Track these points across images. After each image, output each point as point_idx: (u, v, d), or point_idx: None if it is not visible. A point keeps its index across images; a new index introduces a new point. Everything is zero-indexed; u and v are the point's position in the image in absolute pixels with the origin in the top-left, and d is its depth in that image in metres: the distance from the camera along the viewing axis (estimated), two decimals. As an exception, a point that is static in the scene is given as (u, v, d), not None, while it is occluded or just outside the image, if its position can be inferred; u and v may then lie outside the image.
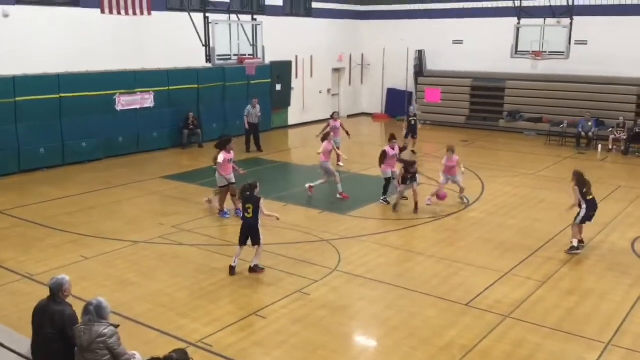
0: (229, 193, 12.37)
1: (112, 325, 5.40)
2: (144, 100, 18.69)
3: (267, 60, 19.08)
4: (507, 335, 7.58)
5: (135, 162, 17.54)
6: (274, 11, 22.82)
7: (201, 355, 7.00)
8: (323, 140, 14.15)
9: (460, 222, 12.28)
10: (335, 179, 13.87)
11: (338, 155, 16.37)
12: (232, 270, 9.44)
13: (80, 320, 5.47)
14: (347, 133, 17.56)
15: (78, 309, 6.00)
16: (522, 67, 21.99)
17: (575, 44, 20.11)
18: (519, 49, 20.01)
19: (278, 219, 9.90)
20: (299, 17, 24.53)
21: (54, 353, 5.63)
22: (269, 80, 22.73)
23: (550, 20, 19.62)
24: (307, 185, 13.97)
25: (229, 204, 12.54)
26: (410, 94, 26.82)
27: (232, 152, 12.56)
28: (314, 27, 24.92)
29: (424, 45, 25.97)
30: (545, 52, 19.58)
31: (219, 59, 14.40)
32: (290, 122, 24.61)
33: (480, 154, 19.30)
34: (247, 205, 9.41)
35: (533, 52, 19.72)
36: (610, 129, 20.20)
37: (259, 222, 9.44)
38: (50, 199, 13.53)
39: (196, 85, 20.09)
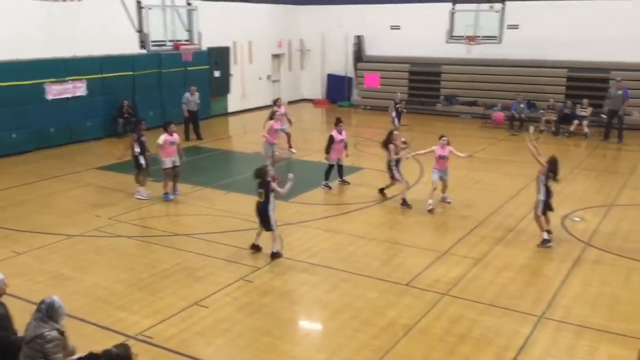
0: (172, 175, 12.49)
1: (57, 330, 5.20)
2: (76, 88, 18.03)
3: (204, 46, 18.85)
4: (445, 313, 7.79)
5: (69, 153, 16.95)
6: (209, -4, 22.40)
7: (142, 348, 6.86)
8: (270, 119, 14.09)
9: (400, 205, 12.47)
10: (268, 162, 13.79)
11: (289, 141, 16.50)
12: (254, 247, 9.69)
13: (33, 314, 5.30)
14: (289, 121, 17.46)
15: (12, 306, 5.80)
16: (457, 52, 22.50)
17: (508, 28, 20.76)
18: (454, 34, 20.50)
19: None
20: (236, 1, 24.16)
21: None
22: (207, 66, 22.33)
23: (484, 6, 20.14)
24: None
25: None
26: (350, 79, 26.99)
27: (175, 134, 12.48)
28: (252, 12, 24.62)
29: (363, 31, 26.13)
30: (479, 36, 20.12)
31: (153, 45, 14.15)
32: (230, 109, 24.33)
33: (418, 137, 19.62)
34: (259, 190, 9.47)
35: (467, 37, 20.24)
36: (542, 111, 20.95)
37: (270, 205, 9.42)
38: (-23, 193, 12.94)
39: (131, 73, 19.50)
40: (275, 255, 9.55)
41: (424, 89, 24.83)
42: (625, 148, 18.11)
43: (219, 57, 22.96)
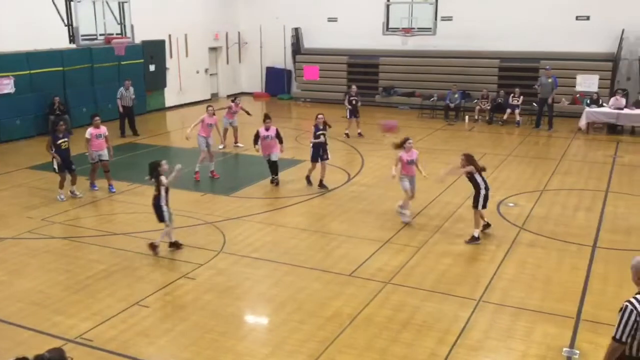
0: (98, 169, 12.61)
1: None
2: (3, 85, 17.24)
3: (138, 40, 18.34)
4: (388, 301, 7.92)
5: (-3, 153, 16.22)
6: (143, -12, 21.80)
7: (81, 351, 6.67)
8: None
9: (342, 196, 12.57)
10: (200, 158, 13.67)
11: (235, 137, 16.83)
12: (172, 244, 9.52)
13: None
14: (248, 112, 17.38)
15: None
16: (393, 43, 22.78)
17: (442, 20, 21.16)
18: (390, 26, 20.73)
19: None
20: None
21: None
22: (142, 60, 21.79)
23: (418, -2, 20.49)
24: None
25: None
26: (289, 71, 26.92)
27: (102, 127, 12.54)
28: (187, 4, 24.13)
29: (300, 23, 26.09)
30: (414, 28, 20.45)
31: (84, 39, 13.67)
32: (168, 104, 23.83)
33: (363, 128, 19.83)
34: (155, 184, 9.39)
35: (403, 29, 20.52)
36: (476, 101, 21.54)
37: (162, 199, 9.32)
38: None
39: (61, 68, 18.81)
40: (152, 246, 9.29)
41: (363, 81, 25.01)
42: (555, 135, 18.85)
43: (154, 50, 22.44)
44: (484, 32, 22.57)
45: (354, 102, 18.52)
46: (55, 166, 12.13)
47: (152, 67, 22.45)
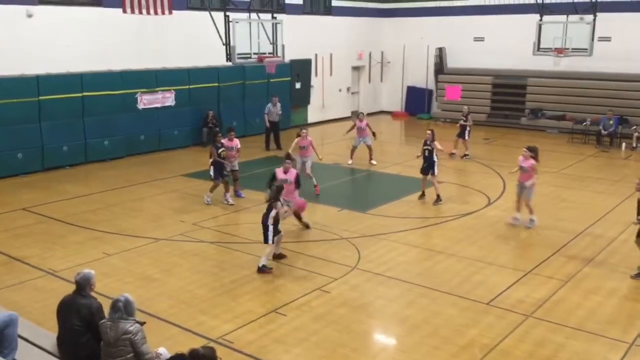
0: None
1: (138, 322, 5.46)
2: (165, 98, 18.84)
3: (287, 59, 19.13)
4: (529, 335, 7.50)
5: (156, 160, 17.70)
6: (293, 9, 22.84)
7: (222, 352, 6.98)
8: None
9: (480, 220, 12.17)
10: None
11: (370, 154, 17.07)
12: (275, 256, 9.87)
13: (107, 315, 5.54)
14: (374, 134, 17.36)
15: (103, 305, 6.09)
16: (544, 64, 21.75)
17: (599, 40, 19.85)
18: (541, 46, 19.81)
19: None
20: (318, 15, 24.52)
21: (80, 346, 5.72)
22: (289, 78, 22.77)
23: (573, 17, 19.37)
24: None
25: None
26: (431, 91, 26.68)
27: (236, 140, 13.54)
28: (333, 25, 24.89)
29: (445, 43, 25.81)
30: (568, 48, 19.36)
31: (239, 58, 14.46)
32: (310, 120, 24.62)
33: (501, 151, 19.14)
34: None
35: (555, 49, 19.50)
36: (634, 127, 19.87)
37: (269, 220, 9.43)
38: (72, 196, 13.71)
39: (216, 84, 20.20)
40: (262, 270, 9.34)
41: (508, 102, 24.17)
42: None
43: (301, 69, 23.36)
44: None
45: (463, 122, 18.22)
46: (212, 173, 13.05)
47: (298, 85, 23.37)
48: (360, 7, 26.42)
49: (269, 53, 15.27)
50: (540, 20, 19.56)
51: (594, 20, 18.65)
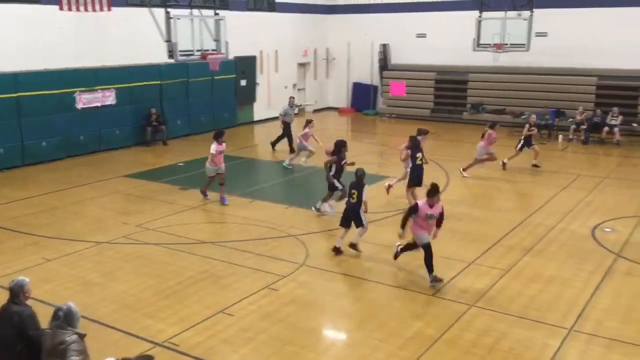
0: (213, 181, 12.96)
1: (77, 333, 5.26)
2: (105, 97, 18.34)
3: (231, 56, 18.97)
4: (473, 324, 7.68)
5: (98, 161, 17.23)
6: (237, 6, 22.62)
7: (168, 356, 6.91)
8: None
9: (426, 214, 12.34)
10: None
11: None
12: (336, 250, 10.03)
13: (50, 323, 5.33)
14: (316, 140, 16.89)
15: (41, 311, 5.88)
16: (484, 59, 22.30)
17: (536, 36, 20.49)
18: (480, 42, 20.30)
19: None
20: (262, 11, 24.38)
21: (14, 355, 5.51)
22: (234, 75, 22.56)
23: (511, 13, 19.93)
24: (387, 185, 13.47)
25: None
26: (376, 87, 26.97)
27: (224, 144, 13.03)
28: (278, 21, 24.80)
29: (388, 39, 26.12)
30: (507, 44, 19.92)
31: (181, 55, 14.25)
32: (257, 117, 24.48)
33: (444, 146, 19.51)
34: (352, 191, 9.99)
35: (495, 44, 20.03)
36: (571, 119, 20.63)
37: (362, 207, 9.90)
38: (10, 200, 13.19)
39: (159, 82, 19.80)
40: (354, 246, 10.02)
41: (451, 97, 24.69)
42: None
43: (246, 66, 23.17)
44: (581, 49, 21.66)
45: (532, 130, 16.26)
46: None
47: (243, 82, 23.17)
48: (305, 3, 26.42)
49: (213, 50, 15.11)
50: (480, 16, 20.04)
51: (531, 16, 19.23)
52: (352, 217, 10.00)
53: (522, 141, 16.19)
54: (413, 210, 8.99)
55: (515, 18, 19.89)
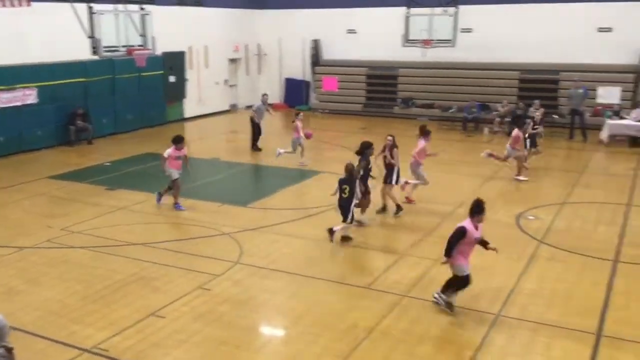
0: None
1: (3, 347, 4.98)
2: (26, 96, 17.49)
3: (159, 51, 18.53)
4: (405, 314, 7.83)
5: (19, 163, 16.44)
6: (163, 0, 22.06)
7: (97, 362, 6.69)
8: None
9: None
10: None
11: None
12: (331, 233, 10.26)
13: None
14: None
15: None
16: (413, 55, 22.75)
17: (461, 31, 21.10)
18: (409, 38, 20.72)
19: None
20: (189, 6, 23.88)
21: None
22: (162, 71, 22.01)
23: (438, 9, 20.43)
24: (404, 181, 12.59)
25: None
26: (308, 83, 27.01)
27: (183, 150, 12.46)
28: (207, 17, 24.37)
29: (320, 35, 26.21)
30: (434, 40, 20.41)
31: (106, 51, 13.81)
32: (187, 114, 24.01)
33: (376, 140, 19.71)
34: (343, 186, 10.21)
35: (422, 40, 20.49)
36: (495, 112, 21.36)
37: (352, 202, 10.19)
38: None
39: (84, 79, 19.08)
40: (345, 239, 10.28)
41: (382, 92, 25.05)
42: (577, 147, 18.62)
43: (174, 62, 22.65)
44: (504, 44, 22.43)
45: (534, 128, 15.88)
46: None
47: (172, 79, 22.66)
48: (234, -2, 26.11)
49: (139, 46, 14.72)
50: (408, 12, 20.42)
51: (456, 12, 19.77)
52: (342, 211, 10.28)
53: (527, 140, 15.18)
54: (460, 235, 7.65)
55: (441, 14, 20.40)
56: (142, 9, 14.95)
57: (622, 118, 18.94)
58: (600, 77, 21.00)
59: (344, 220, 10.32)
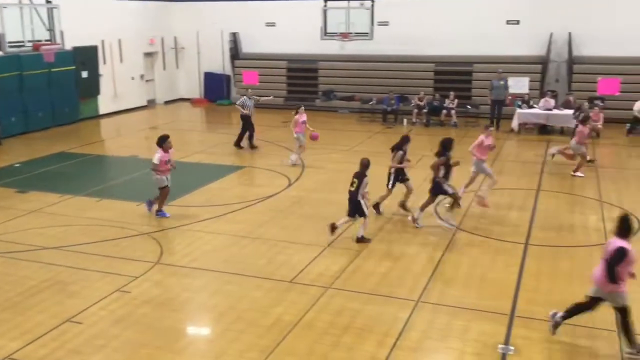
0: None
1: None
2: None
3: (69, 46, 17.80)
4: (329, 306, 7.92)
5: None
6: (72, -7, 21.13)
7: (8, 374, 6.36)
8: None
9: (282, 202, 12.51)
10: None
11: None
12: (332, 227, 10.11)
13: None
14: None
15: None
16: (332, 48, 22.96)
17: (378, 25, 21.48)
18: (327, 31, 20.89)
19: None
20: (102, -2, 22.99)
21: None
22: (73, 67, 21.07)
23: (354, 3, 20.70)
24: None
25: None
26: (228, 77, 26.68)
27: (170, 151, 11.37)
28: (120, 9, 23.50)
29: (238, 28, 25.92)
30: (352, 33, 20.68)
31: (11, 46, 13.13)
32: (102, 111, 23.12)
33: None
34: (353, 180, 10.15)
35: (341, 33, 20.72)
36: (413, 104, 21.92)
37: (359, 195, 10.03)
38: None
39: (-13, 76, 18.00)
40: (361, 240, 10.05)
41: (303, 85, 25.12)
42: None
43: (86, 56, 21.72)
44: (420, 37, 23.01)
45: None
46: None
47: (84, 74, 21.74)
48: (148, -10, 25.35)
49: (47, 40, 14.08)
50: (325, 5, 20.55)
51: (372, 5, 20.08)
52: (351, 206, 10.15)
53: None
54: (622, 257, 6.49)
55: (358, 8, 20.67)
56: (49, 2, 14.28)
57: (531, 107, 19.90)
58: (510, 68, 21.93)
59: (349, 215, 10.23)
